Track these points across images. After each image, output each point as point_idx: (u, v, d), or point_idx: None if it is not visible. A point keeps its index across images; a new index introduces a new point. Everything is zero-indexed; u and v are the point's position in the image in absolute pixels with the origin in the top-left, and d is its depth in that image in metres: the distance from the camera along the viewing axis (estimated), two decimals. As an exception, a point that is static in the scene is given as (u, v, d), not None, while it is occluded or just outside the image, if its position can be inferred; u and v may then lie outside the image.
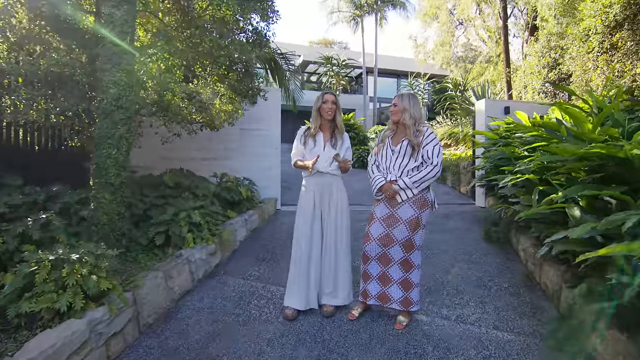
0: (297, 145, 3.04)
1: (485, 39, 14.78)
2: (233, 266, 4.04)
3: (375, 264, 2.90)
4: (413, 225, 2.78)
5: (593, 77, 5.70)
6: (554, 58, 8.09)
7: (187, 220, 3.80)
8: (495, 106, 6.49)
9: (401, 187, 2.75)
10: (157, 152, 5.66)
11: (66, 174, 4.41)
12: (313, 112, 2.98)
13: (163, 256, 3.60)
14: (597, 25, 5.45)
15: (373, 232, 2.88)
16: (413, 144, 2.77)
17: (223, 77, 4.24)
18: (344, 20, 22.49)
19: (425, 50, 16.72)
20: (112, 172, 3.35)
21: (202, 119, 3.85)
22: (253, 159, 6.07)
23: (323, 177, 3.00)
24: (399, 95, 2.90)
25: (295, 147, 3.06)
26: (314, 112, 2.98)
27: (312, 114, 3.00)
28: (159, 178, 4.68)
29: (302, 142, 3.02)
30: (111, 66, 3.38)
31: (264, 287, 3.55)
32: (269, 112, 6.14)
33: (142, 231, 3.70)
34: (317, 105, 2.97)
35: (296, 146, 3.05)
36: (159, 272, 3.14)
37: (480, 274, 3.86)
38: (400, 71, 23.66)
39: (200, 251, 3.72)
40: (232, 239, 4.38)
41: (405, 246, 2.80)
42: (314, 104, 2.99)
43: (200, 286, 3.59)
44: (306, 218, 3.01)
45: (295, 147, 3.06)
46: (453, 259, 4.25)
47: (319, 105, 2.96)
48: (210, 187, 4.77)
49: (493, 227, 4.75)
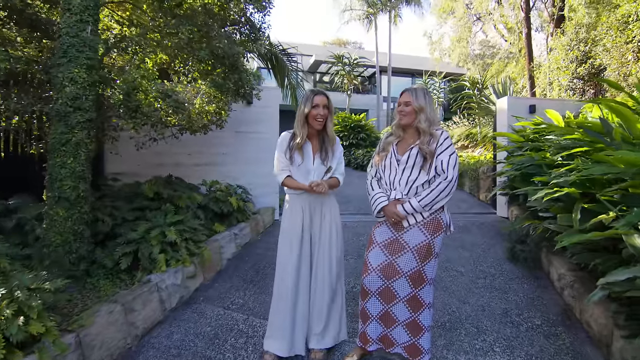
0: (282, 158, 2.39)
1: (504, 34, 13.94)
2: (215, 291, 3.50)
3: (375, 300, 2.30)
4: (423, 253, 2.19)
5: (633, 70, 4.97)
6: (583, 51, 7.31)
7: (160, 238, 3.29)
8: (519, 104, 5.79)
9: (408, 212, 2.16)
10: (145, 158, 5.19)
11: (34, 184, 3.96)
12: (298, 116, 2.36)
13: (131, 281, 3.10)
14: (638, 11, 4.72)
15: (372, 261, 2.29)
16: (425, 152, 2.17)
17: (206, 73, 3.71)
18: (357, 18, 21.82)
19: (440, 47, 15.94)
20: (68, 185, 2.86)
21: (178, 121, 3.33)
22: (249, 165, 5.54)
23: (312, 196, 2.41)
24: (410, 90, 2.29)
25: (280, 159, 2.40)
26: (299, 118, 2.35)
27: (296, 118, 2.38)
28: (139, 187, 4.19)
29: (288, 156, 2.38)
30: (67, 60, 2.89)
31: (246, 321, 3.00)
32: (267, 114, 5.61)
33: (108, 252, 3.20)
34: (304, 109, 2.33)
35: (281, 158, 2.40)
36: (116, 305, 2.62)
37: (506, 305, 3.22)
38: (414, 70, 22.84)
39: (174, 275, 3.20)
40: (216, 258, 3.85)
41: (413, 279, 2.20)
42: (299, 106, 2.38)
43: (173, 316, 3.06)
44: (292, 244, 2.42)
45: (280, 159, 2.40)
46: (472, 284, 3.62)
47: (308, 111, 2.33)
48: (197, 197, 4.26)
49: (519, 245, 4.08)
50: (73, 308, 2.66)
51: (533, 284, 3.58)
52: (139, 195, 4.07)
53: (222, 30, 3.91)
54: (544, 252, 3.78)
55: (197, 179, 5.21)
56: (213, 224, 4.32)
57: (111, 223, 3.36)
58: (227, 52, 3.67)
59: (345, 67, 18.11)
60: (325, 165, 2.39)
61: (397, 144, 2.33)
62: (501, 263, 4.09)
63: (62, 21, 2.92)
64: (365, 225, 5.37)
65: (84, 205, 2.96)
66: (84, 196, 2.96)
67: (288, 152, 2.37)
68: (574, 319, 2.93)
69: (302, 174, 2.38)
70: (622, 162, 2.15)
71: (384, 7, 20.86)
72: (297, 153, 2.36)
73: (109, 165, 5.10)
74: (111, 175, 4.85)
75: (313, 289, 2.48)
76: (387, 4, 20.71)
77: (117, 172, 5.02)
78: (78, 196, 2.90)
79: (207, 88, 3.74)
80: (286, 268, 2.43)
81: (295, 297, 2.43)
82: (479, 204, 7.12)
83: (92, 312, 2.51)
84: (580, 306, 2.89)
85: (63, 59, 2.89)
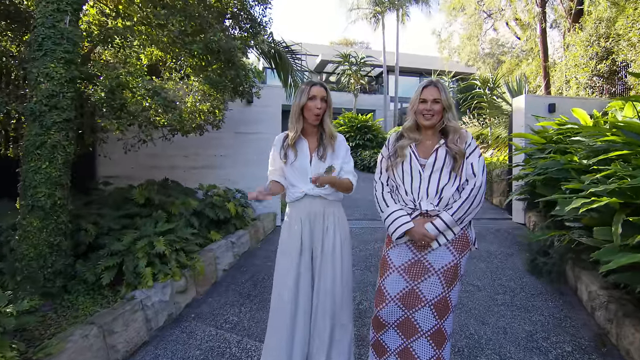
0: (275, 160, 2.13)
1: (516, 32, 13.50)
2: (208, 307, 3.20)
3: (394, 333, 1.93)
4: (450, 276, 1.85)
5: (665, 66, 4.58)
6: (604, 47, 6.89)
7: (148, 249, 3.00)
8: (537, 103, 5.41)
9: (440, 230, 1.82)
10: (139, 161, 4.93)
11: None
12: (293, 109, 2.08)
13: (114, 298, 2.82)
14: (672, 1, 4.33)
15: (390, 289, 1.91)
16: (455, 152, 1.84)
17: (200, 69, 3.42)
18: (364, 17, 21.47)
19: (450, 46, 15.49)
20: (42, 192, 2.58)
21: (168, 121, 3.03)
22: (249, 167, 5.24)
23: (313, 204, 2.09)
24: (437, 83, 1.92)
25: (272, 162, 2.14)
26: (294, 111, 2.07)
27: (291, 112, 2.10)
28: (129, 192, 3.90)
29: (282, 154, 2.10)
30: (42, 54, 2.62)
31: (239, 343, 2.69)
32: (268, 113, 5.31)
33: (90, 265, 2.92)
34: (299, 100, 2.05)
35: (273, 161, 2.14)
36: (92, 327, 2.33)
37: (530, 327, 2.87)
38: (423, 69, 22.40)
39: (162, 291, 2.90)
40: (210, 270, 3.55)
41: (438, 309, 1.85)
42: (295, 99, 2.10)
43: (160, 337, 2.77)
44: (290, 260, 2.10)
45: (272, 162, 2.14)
46: (491, 301, 3.27)
47: (304, 102, 2.03)
48: (192, 203, 3.96)
49: (541, 257, 3.73)
50: (46, 330, 2.39)
51: (559, 302, 3.22)
52: (128, 201, 3.79)
53: (218, 24, 3.62)
54: (570, 265, 3.42)
55: (194, 182, 4.94)
56: (209, 231, 4.03)
57: (95, 232, 3.08)
58: (222, 47, 3.37)
59: (352, 67, 17.77)
60: (325, 163, 2.08)
61: (415, 146, 1.98)
62: (521, 276, 3.74)
63: (38, 10, 2.65)
64: (373, 231, 5.04)
65: (61, 214, 2.68)
66: (62, 204, 2.68)
67: (282, 151, 2.09)
68: (610, 345, 2.58)
69: (299, 175, 2.07)
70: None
71: (391, 5, 20.50)
72: (290, 150, 2.07)
73: (101, 168, 4.84)
74: (103, 178, 4.60)
75: (315, 310, 2.16)
76: (395, 3, 20.34)
77: (109, 175, 4.76)
78: (54, 204, 2.62)
79: (200, 85, 3.45)
80: (284, 285, 2.11)
81: (293, 318, 2.11)
82: (493, 208, 6.74)
83: (63, 336, 2.22)
84: (618, 331, 2.54)
85: (38, 52, 2.62)
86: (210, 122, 3.88)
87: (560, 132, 4.07)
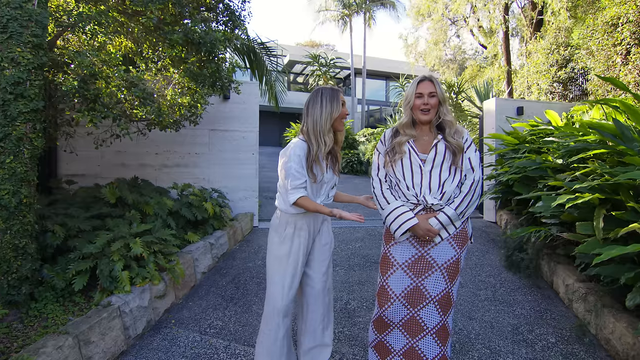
0: (302, 172, 1.85)
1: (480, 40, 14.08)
2: (189, 312, 3.03)
3: (399, 333, 1.89)
4: (452, 271, 1.85)
5: (621, 72, 4.92)
6: (563, 55, 7.33)
7: (124, 252, 2.79)
8: (507, 106, 5.64)
9: (444, 224, 1.81)
10: (106, 158, 4.63)
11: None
12: (324, 121, 1.84)
13: (87, 305, 2.60)
14: (629, 13, 4.66)
15: (395, 287, 1.87)
16: (454, 146, 1.84)
17: (179, 61, 3.24)
18: (332, 19, 21.61)
19: (416, 50, 15.90)
20: (6, 189, 2.32)
21: (145, 114, 2.84)
22: (225, 167, 5.07)
23: (317, 215, 2.02)
24: (431, 78, 1.91)
25: (300, 173, 1.84)
26: (325, 122, 1.84)
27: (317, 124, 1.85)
28: (99, 191, 3.63)
29: (310, 174, 1.87)
30: (7, 37, 2.36)
31: (227, 348, 2.55)
32: (245, 110, 5.15)
33: (59, 269, 2.67)
34: (332, 110, 1.85)
35: (301, 173, 1.84)
36: (66, 338, 2.12)
37: (515, 320, 2.95)
38: (389, 73, 22.88)
39: (140, 296, 2.71)
40: (189, 273, 3.37)
41: (442, 305, 1.84)
42: (322, 109, 1.85)
43: (140, 345, 2.58)
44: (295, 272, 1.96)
45: (300, 173, 1.84)
46: (474, 297, 3.34)
47: (339, 113, 1.87)
48: (167, 202, 3.75)
49: (518, 253, 3.86)
50: (12, 343, 2.15)
51: (537, 295, 3.34)
52: (98, 200, 3.53)
53: (198, 14, 3.46)
54: (546, 260, 3.56)
55: (167, 181, 4.70)
56: (185, 233, 3.83)
57: (64, 234, 2.82)
58: (203, 38, 3.22)
59: (322, 68, 17.80)
60: (337, 176, 2.02)
61: (414, 142, 1.96)
62: (499, 272, 3.85)
63: (1, -12, 2.38)
64: (353, 231, 5.02)
65: (27, 214, 2.42)
66: (28, 203, 2.43)
67: (307, 164, 1.86)
68: (590, 335, 2.70)
69: (314, 189, 1.95)
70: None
71: (359, 8, 20.78)
72: (316, 166, 1.88)
73: (62, 166, 4.50)
74: (65, 177, 4.26)
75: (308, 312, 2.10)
76: (362, 6, 20.63)
77: (72, 174, 4.44)
78: (20, 203, 2.37)
79: (180, 77, 3.27)
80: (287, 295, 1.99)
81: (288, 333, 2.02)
82: (463, 207, 6.94)
83: (34, 348, 2.00)
84: (597, 321, 2.65)
85: (3, 35, 2.36)
86: (187, 118, 3.69)
87: (533, 133, 4.25)
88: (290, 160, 1.85)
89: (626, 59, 4.84)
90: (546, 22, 8.56)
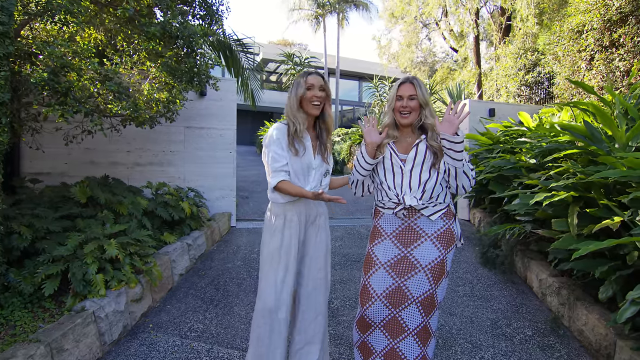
0: (281, 153, 1.85)
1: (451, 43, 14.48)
2: (167, 315, 2.92)
3: (380, 334, 1.88)
4: (437, 273, 1.86)
5: (585, 77, 5.18)
6: (530, 59, 7.66)
7: (98, 254, 2.65)
8: (480, 107, 5.83)
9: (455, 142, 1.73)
10: (73, 156, 4.39)
11: None
12: (291, 103, 1.90)
13: (58, 310, 2.44)
14: (593, 21, 4.92)
15: (376, 286, 1.87)
16: (435, 148, 1.85)
17: (156, 54, 3.12)
18: (306, 18, 21.56)
19: (389, 52, 16.16)
20: (-33, 188, 2.15)
21: (120, 109, 2.70)
22: (202, 165, 4.93)
23: (309, 204, 1.98)
24: (413, 80, 1.92)
25: (279, 155, 1.84)
26: (292, 104, 1.89)
27: (288, 106, 1.91)
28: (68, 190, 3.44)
29: (292, 149, 1.86)
30: (-33, 23, 2.18)
31: (210, 352, 2.48)
32: (223, 108, 5.03)
33: (26, 273, 2.50)
34: (296, 92, 1.88)
35: (280, 155, 1.84)
36: (38, 346, 1.98)
37: (493, 315, 3.04)
38: (362, 73, 23.10)
39: (116, 300, 2.58)
40: (166, 275, 3.26)
41: (424, 306, 1.84)
42: (291, 92, 1.92)
43: (116, 352, 2.46)
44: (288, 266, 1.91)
45: (279, 155, 1.84)
46: (454, 293, 3.41)
47: (302, 94, 1.88)
48: (142, 202, 3.60)
49: (493, 250, 3.98)
50: (-27, 354, 1.99)
51: (512, 290, 3.46)
52: (67, 200, 3.34)
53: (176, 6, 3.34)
54: (520, 256, 3.70)
55: (140, 180, 4.52)
56: (161, 233, 3.69)
57: (31, 236, 2.64)
58: (182, 32, 3.11)
59: (296, 67, 17.72)
60: (327, 164, 2.00)
61: (394, 144, 1.97)
62: (476, 268, 3.96)
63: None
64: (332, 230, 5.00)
65: (-9, 214, 2.25)
66: (-9, 203, 2.26)
67: (287, 144, 1.86)
68: (564, 327, 2.82)
69: (301, 173, 1.91)
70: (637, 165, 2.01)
71: (332, 8, 20.85)
72: (297, 142, 1.88)
73: (26, 164, 4.22)
74: (29, 175, 4.00)
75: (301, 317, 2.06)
76: (336, 6, 20.72)
77: (36, 172, 4.18)
78: (-18, 203, 2.20)
79: (157, 72, 3.14)
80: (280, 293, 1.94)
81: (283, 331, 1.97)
82: (437, 206, 7.10)
83: (2, 358, 1.86)
84: (570, 314, 2.78)
85: (-40, 20, 2.18)
86: (163, 114, 3.55)
87: (507, 134, 4.41)
88: (269, 144, 1.88)
89: (590, 64, 5.11)
90: (514, 28, 8.93)
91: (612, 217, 2.24)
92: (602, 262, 2.40)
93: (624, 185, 2.39)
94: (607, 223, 2.21)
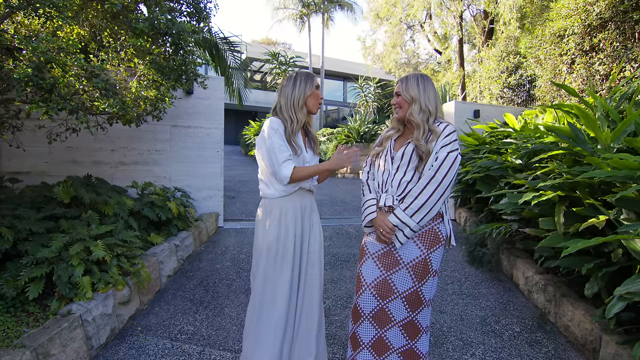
0: (285, 145, 1.85)
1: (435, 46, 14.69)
2: (156, 318, 2.86)
3: (368, 325, 1.90)
4: (420, 271, 1.85)
5: (567, 80, 5.34)
6: (513, 62, 7.84)
7: (84, 255, 2.57)
8: (465, 109, 5.93)
9: (397, 227, 1.78)
10: (55, 155, 4.26)
11: None
12: (296, 99, 1.89)
13: (43, 314, 2.36)
14: (574, 25, 5.07)
15: (366, 275, 1.91)
16: (421, 150, 1.81)
17: (144, 51, 3.05)
18: (291, 17, 21.53)
19: (374, 53, 16.26)
20: (-55, 187, 2.04)
21: (107, 107, 2.63)
22: (188, 164, 4.85)
23: (303, 198, 1.98)
24: (402, 78, 1.96)
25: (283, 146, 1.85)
26: (297, 100, 1.89)
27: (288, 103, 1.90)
28: (50, 190, 3.33)
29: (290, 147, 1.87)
30: (-54, 15, 2.09)
31: (202, 354, 2.44)
32: (210, 106, 4.96)
33: (8, 276, 2.40)
34: (304, 89, 1.89)
35: (284, 145, 1.85)
36: (24, 352, 1.90)
37: (482, 312, 3.10)
38: (347, 74, 23.24)
39: (104, 302, 2.51)
40: (154, 276, 3.19)
41: (409, 302, 1.85)
42: (294, 90, 1.90)
43: (104, 356, 2.39)
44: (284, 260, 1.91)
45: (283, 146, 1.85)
46: (443, 291, 3.46)
47: (310, 92, 1.90)
48: (127, 202, 3.52)
49: (480, 248, 4.06)
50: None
51: (499, 288, 3.53)
52: (50, 200, 3.23)
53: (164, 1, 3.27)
54: (506, 254, 3.78)
55: (124, 180, 4.41)
56: (148, 234, 3.61)
57: (13, 238, 2.55)
58: (170, 28, 3.05)
59: (281, 66, 17.66)
60: (317, 157, 2.03)
61: (396, 139, 1.99)
62: (463, 267, 4.02)
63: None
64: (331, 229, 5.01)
65: (-29, 215, 2.16)
66: (-28, 203, 2.16)
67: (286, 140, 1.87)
68: (550, 323, 2.89)
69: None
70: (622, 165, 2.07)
71: (317, 8, 20.87)
72: (292, 139, 1.89)
73: (3, 163, 4.07)
74: (8, 174, 3.86)
75: (299, 312, 2.05)
76: (321, 6, 20.75)
77: (15, 171, 4.04)
78: (-38, 203, 2.10)
79: (145, 69, 3.07)
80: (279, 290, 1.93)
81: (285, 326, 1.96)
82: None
83: (-16, 366, 1.78)
84: (557, 310, 2.85)
85: (-61, 12, 2.08)
86: (150, 113, 3.48)
87: (493, 135, 4.50)
88: (270, 137, 1.85)
89: (571, 67, 5.26)
90: (497, 31, 9.13)
91: (598, 215, 2.31)
92: (587, 259, 2.47)
93: (608, 185, 2.47)
94: (593, 222, 2.28)
